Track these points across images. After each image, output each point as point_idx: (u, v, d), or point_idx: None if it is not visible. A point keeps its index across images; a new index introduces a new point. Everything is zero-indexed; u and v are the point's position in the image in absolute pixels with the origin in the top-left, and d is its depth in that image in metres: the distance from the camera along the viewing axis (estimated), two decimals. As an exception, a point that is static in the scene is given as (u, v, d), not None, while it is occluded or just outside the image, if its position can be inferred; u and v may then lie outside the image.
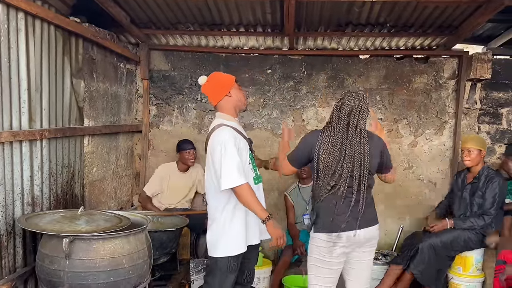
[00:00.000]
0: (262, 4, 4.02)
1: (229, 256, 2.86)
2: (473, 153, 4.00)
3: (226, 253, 2.86)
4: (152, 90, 5.16)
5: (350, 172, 2.71)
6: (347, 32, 4.58)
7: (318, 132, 2.85)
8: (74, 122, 3.72)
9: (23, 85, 2.97)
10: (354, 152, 2.71)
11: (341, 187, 2.72)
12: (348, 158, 2.70)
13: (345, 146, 2.71)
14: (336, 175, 2.72)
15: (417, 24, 4.44)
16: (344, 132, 2.73)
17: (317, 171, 2.78)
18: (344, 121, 2.74)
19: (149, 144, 5.20)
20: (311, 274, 2.90)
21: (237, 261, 2.90)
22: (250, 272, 3.16)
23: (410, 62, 5.04)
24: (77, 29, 3.58)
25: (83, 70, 3.82)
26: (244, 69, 5.11)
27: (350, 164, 2.71)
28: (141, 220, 3.06)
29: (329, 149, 2.73)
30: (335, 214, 2.74)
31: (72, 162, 3.68)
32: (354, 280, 2.94)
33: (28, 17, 3.01)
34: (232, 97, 2.95)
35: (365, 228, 2.79)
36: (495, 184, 3.90)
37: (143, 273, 2.77)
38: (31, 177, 3.08)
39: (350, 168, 2.71)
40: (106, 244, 2.58)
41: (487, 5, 3.75)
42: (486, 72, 4.73)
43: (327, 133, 2.79)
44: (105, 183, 4.39)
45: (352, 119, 2.74)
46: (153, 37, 4.95)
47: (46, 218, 2.82)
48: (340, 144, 2.72)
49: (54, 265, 2.53)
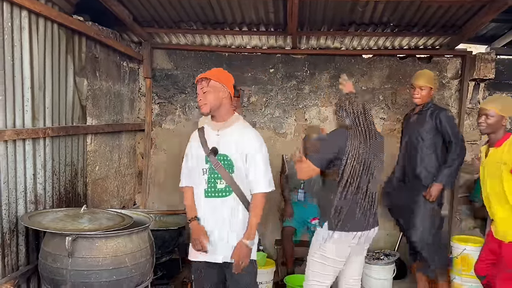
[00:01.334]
0: (265, 3, 4.02)
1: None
2: (424, 90, 3.78)
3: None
4: (155, 89, 5.16)
5: (372, 174, 2.81)
6: (350, 31, 4.58)
7: (345, 133, 2.80)
8: (77, 120, 3.73)
9: (27, 83, 2.98)
10: (376, 155, 2.81)
11: (364, 188, 2.78)
12: (373, 160, 2.79)
13: (370, 149, 2.79)
14: (364, 177, 2.76)
15: (420, 23, 4.43)
16: (367, 135, 2.79)
17: (344, 171, 2.76)
18: (364, 124, 2.80)
19: (151, 143, 5.21)
20: (314, 271, 2.88)
21: (197, 269, 2.77)
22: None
23: (413, 62, 5.03)
24: (80, 28, 3.58)
25: (86, 68, 3.83)
26: (247, 68, 5.11)
27: (373, 165, 2.80)
28: (143, 218, 3.06)
29: (359, 152, 2.75)
30: (359, 213, 2.79)
31: (75, 161, 3.69)
32: (352, 270, 3.00)
33: (32, 15, 3.01)
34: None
35: (374, 228, 2.90)
36: (443, 113, 3.75)
37: (146, 271, 2.78)
38: (34, 175, 3.09)
39: (372, 170, 2.80)
40: (109, 242, 2.59)
41: (491, 4, 3.74)
42: (490, 72, 4.71)
43: (354, 135, 2.78)
44: (108, 181, 4.39)
45: (369, 122, 2.83)
46: (156, 35, 4.95)
47: (49, 216, 2.83)
48: (367, 146, 2.77)
49: (56, 263, 2.54)
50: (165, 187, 5.19)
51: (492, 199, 3.12)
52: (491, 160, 3.11)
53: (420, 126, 3.82)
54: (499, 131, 3.06)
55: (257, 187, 2.64)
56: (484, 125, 3.06)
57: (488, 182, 3.13)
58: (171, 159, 5.09)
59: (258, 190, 2.64)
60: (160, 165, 5.21)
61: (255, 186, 2.64)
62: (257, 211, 2.63)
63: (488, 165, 3.13)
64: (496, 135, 3.08)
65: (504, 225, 3.03)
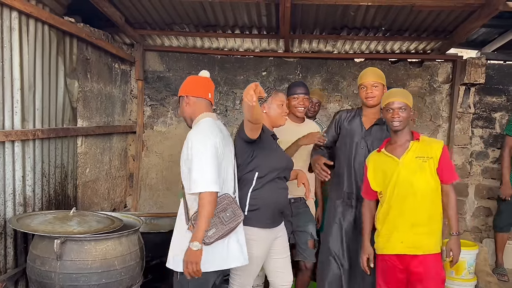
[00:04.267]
0: (257, 6, 4.02)
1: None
2: (378, 88, 2.99)
3: None
4: (147, 91, 5.15)
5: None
6: (342, 35, 4.60)
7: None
8: (68, 122, 3.70)
9: (16, 84, 2.95)
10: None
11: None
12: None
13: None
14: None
15: (412, 28, 4.46)
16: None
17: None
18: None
19: (143, 145, 5.18)
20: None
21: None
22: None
23: (404, 66, 5.06)
24: (72, 29, 3.56)
25: (77, 70, 3.81)
26: (240, 71, 5.11)
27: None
28: (133, 221, 3.05)
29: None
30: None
31: (65, 163, 3.66)
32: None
33: (22, 16, 2.99)
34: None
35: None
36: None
37: (135, 275, 2.76)
38: (23, 178, 3.06)
39: None
40: (98, 245, 2.57)
41: (482, 10, 3.77)
42: (480, 76, 4.75)
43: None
44: (98, 184, 4.37)
45: None
46: (148, 37, 4.94)
47: (37, 218, 2.80)
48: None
49: (45, 266, 2.52)
50: (157, 189, 5.17)
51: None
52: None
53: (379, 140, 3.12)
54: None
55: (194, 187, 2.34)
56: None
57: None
58: (162, 162, 5.07)
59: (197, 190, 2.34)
60: (151, 168, 5.19)
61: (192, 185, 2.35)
62: (200, 211, 2.32)
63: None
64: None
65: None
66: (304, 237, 3.31)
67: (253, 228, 2.60)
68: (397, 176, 2.61)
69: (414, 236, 2.59)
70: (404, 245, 2.59)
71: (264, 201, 2.62)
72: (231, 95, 5.12)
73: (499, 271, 4.41)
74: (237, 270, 2.66)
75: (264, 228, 2.64)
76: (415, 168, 2.61)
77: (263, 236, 2.65)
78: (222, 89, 5.11)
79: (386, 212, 2.65)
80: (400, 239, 2.60)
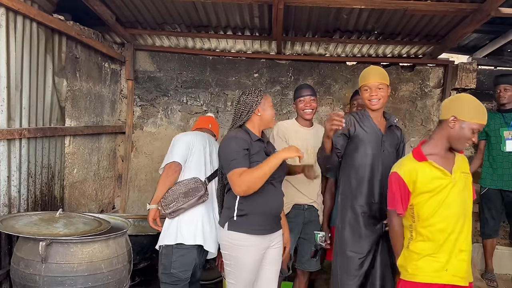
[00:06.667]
0: (250, 7, 4.00)
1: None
2: (383, 90, 2.76)
3: None
4: (137, 91, 5.09)
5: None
6: (334, 38, 4.59)
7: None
8: (55, 121, 3.64)
9: (2, 82, 2.89)
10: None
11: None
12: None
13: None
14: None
15: (404, 32, 4.47)
16: None
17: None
18: None
19: (132, 146, 5.12)
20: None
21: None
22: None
23: (396, 70, 5.07)
24: (61, 27, 3.50)
25: (66, 69, 3.74)
26: (231, 72, 5.07)
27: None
28: (121, 224, 3.00)
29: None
30: None
31: (52, 163, 3.60)
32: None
33: (10, 13, 2.93)
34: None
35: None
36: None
37: (122, 278, 2.71)
38: (8, 178, 3.00)
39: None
40: (85, 248, 2.52)
41: (474, 15, 3.78)
42: (471, 81, 4.78)
43: None
44: (86, 184, 4.30)
45: None
46: (139, 37, 4.89)
47: (22, 220, 2.74)
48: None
49: (29, 269, 2.47)
50: (145, 191, 5.10)
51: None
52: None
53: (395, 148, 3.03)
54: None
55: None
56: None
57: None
58: (152, 163, 5.01)
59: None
60: (140, 169, 5.13)
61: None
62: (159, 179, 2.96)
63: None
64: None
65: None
66: (308, 247, 3.31)
67: (240, 233, 2.51)
68: (450, 194, 2.30)
69: (460, 263, 2.29)
70: (449, 273, 2.28)
71: (254, 207, 2.53)
72: (223, 96, 5.08)
73: (488, 277, 4.41)
74: (230, 278, 2.60)
75: (253, 235, 2.53)
76: (463, 185, 2.34)
77: (252, 242, 2.53)
78: (214, 91, 5.08)
79: (432, 234, 2.31)
80: (447, 267, 2.28)
